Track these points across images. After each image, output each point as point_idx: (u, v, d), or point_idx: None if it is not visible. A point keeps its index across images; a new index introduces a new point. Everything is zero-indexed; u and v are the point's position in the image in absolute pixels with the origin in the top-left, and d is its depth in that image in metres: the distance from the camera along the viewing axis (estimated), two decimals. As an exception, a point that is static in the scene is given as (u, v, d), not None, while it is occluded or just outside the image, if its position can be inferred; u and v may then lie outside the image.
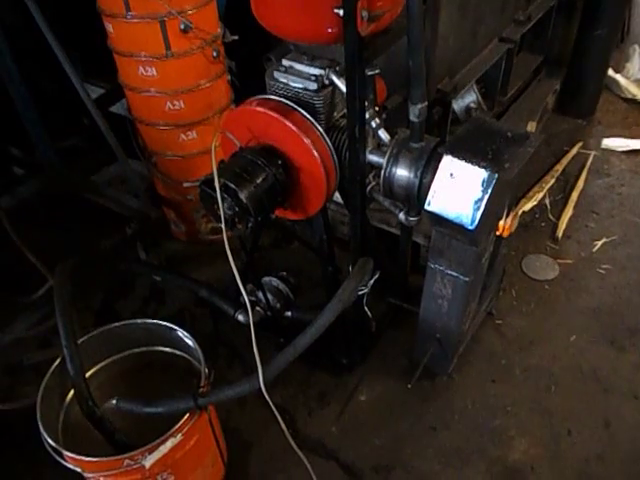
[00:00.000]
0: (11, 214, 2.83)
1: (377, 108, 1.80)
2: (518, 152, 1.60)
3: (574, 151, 3.29)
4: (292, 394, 2.27)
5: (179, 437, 1.54)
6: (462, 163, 1.55)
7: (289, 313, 2.25)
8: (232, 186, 1.65)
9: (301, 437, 2.12)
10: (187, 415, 1.58)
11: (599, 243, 2.77)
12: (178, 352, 1.89)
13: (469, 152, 1.58)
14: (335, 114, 1.85)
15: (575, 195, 3.01)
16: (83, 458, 1.51)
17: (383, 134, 1.77)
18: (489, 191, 1.53)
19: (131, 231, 2.63)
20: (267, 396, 1.59)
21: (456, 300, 1.94)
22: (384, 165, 1.75)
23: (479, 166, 1.53)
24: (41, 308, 2.38)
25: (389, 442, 2.09)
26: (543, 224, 2.91)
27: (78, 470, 1.55)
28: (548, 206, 2.99)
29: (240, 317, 2.19)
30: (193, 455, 1.73)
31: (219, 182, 1.64)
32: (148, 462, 1.48)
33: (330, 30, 1.51)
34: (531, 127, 2.60)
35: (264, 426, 2.16)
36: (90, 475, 1.58)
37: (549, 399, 2.18)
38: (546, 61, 3.45)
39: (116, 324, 1.87)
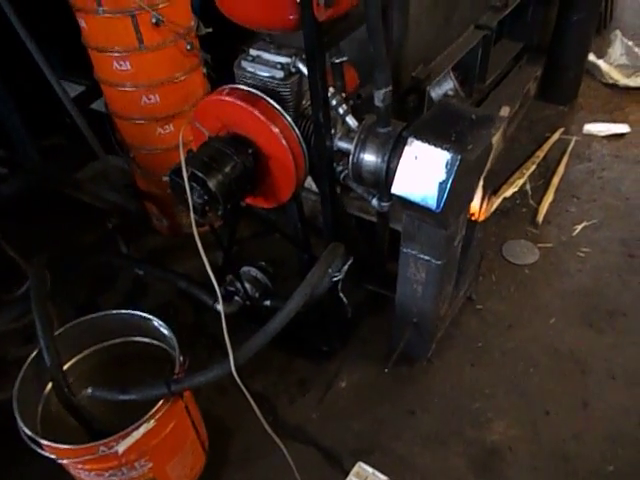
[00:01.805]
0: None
1: (344, 95, 1.82)
2: (481, 134, 1.61)
3: (555, 137, 3.31)
4: (273, 382, 2.29)
5: (152, 423, 1.56)
6: (425, 145, 1.57)
7: (268, 302, 2.26)
8: (200, 175, 1.66)
9: (281, 424, 2.14)
10: (161, 401, 1.60)
11: (579, 227, 2.79)
12: (155, 342, 1.90)
13: (433, 135, 1.59)
14: (304, 102, 1.86)
15: (556, 180, 3.03)
16: (58, 445, 1.53)
17: (351, 120, 1.78)
18: (453, 173, 1.55)
19: (111, 225, 2.65)
20: (239, 380, 1.61)
21: (430, 284, 1.96)
22: (352, 151, 1.76)
23: (442, 148, 1.55)
24: (23, 303, 2.39)
25: (368, 427, 2.11)
26: (524, 210, 2.92)
27: (53, 457, 1.57)
28: (529, 192, 3.01)
29: (218, 307, 2.20)
30: (170, 442, 1.75)
31: (187, 171, 1.66)
32: (121, 448, 1.50)
33: (291, 17, 1.52)
34: (504, 112, 2.62)
35: (245, 413, 2.16)
36: (67, 462, 1.60)
37: (527, 381, 2.20)
38: (527, 48, 3.46)
39: (92, 315, 1.89)
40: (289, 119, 1.74)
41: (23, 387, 1.70)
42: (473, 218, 2.19)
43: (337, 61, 1.88)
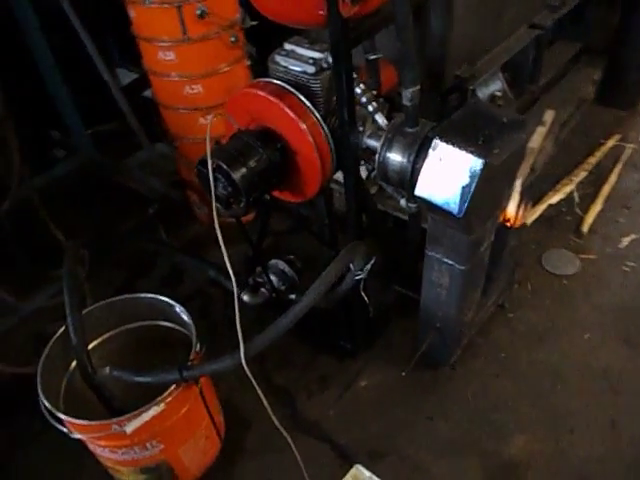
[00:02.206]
0: (45, 192, 3.00)
1: (375, 92, 1.80)
2: (511, 138, 1.56)
3: (610, 143, 3.15)
4: (295, 377, 2.30)
5: (162, 406, 1.60)
6: (450, 148, 1.53)
7: (293, 295, 2.28)
8: (224, 167, 1.68)
9: (298, 418, 2.15)
10: (173, 386, 1.64)
11: (627, 239, 2.65)
12: (178, 327, 1.95)
13: (459, 137, 1.55)
14: (335, 99, 1.85)
15: (607, 189, 2.89)
16: (73, 420, 1.59)
17: (380, 119, 1.76)
18: (477, 177, 1.50)
19: (152, 211, 2.73)
20: (249, 372, 1.62)
21: (454, 289, 1.92)
22: (378, 149, 1.74)
23: (467, 151, 1.51)
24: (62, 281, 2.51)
25: (385, 429, 2.09)
26: (569, 218, 2.81)
27: (69, 432, 1.64)
28: (576, 199, 2.88)
29: (245, 297, 2.25)
30: (183, 426, 1.79)
31: (212, 163, 1.68)
32: (129, 428, 1.55)
33: (320, 13, 1.51)
34: (548, 116, 2.50)
35: (263, 406, 2.20)
36: (82, 437, 1.66)
37: (554, 396, 2.12)
38: (586, 49, 3.31)
39: (120, 297, 1.95)
40: (318, 115, 1.73)
41: (48, 362, 1.78)
42: (508, 224, 2.13)
43: (372, 58, 1.88)
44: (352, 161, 1.72)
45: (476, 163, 1.49)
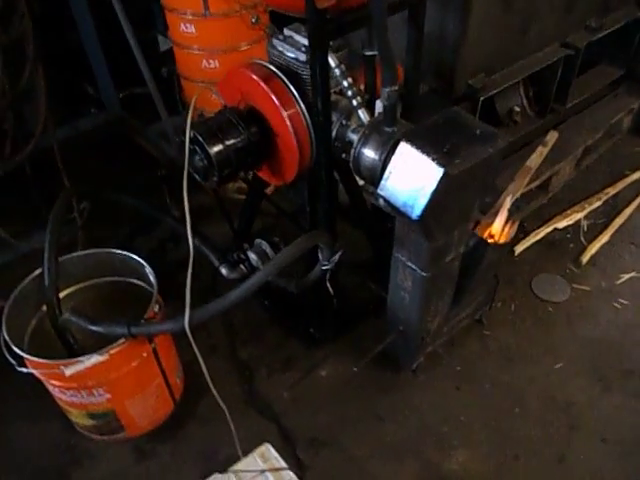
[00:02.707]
0: (68, 143, 3.15)
1: (361, 87, 1.81)
2: (476, 150, 1.54)
3: (635, 177, 3.03)
4: (260, 353, 2.35)
5: (105, 356, 1.68)
6: (414, 151, 1.53)
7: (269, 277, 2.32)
8: (201, 140, 1.74)
9: (253, 395, 2.21)
10: (122, 340, 1.72)
11: (626, 276, 2.56)
12: (147, 286, 2.03)
13: (426, 142, 1.54)
14: (327, 89, 1.87)
15: (618, 222, 2.78)
16: (22, 354, 1.69)
17: (362, 114, 1.77)
18: (435, 184, 1.50)
19: (160, 174, 2.82)
20: (191, 337, 1.68)
21: (416, 294, 1.91)
22: (354, 144, 1.76)
23: (428, 157, 1.50)
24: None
25: (333, 420, 2.12)
26: (572, 245, 2.73)
27: (19, 367, 1.74)
28: (584, 228, 2.79)
29: (223, 270, 2.30)
30: (131, 380, 1.87)
31: (190, 134, 1.74)
32: (68, 371, 1.64)
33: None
34: (551, 137, 2.43)
35: (225, 375, 2.27)
36: (32, 372, 1.76)
37: (508, 420, 2.09)
38: (627, 76, 3.17)
39: (96, 250, 2.05)
40: (301, 104, 1.75)
41: (20, 298, 1.90)
42: (491, 240, 2.10)
43: (368, 54, 1.88)
44: (324, 152, 1.74)
45: (434, 170, 1.48)
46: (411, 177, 1.55)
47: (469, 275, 2.08)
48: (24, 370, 1.73)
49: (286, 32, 1.82)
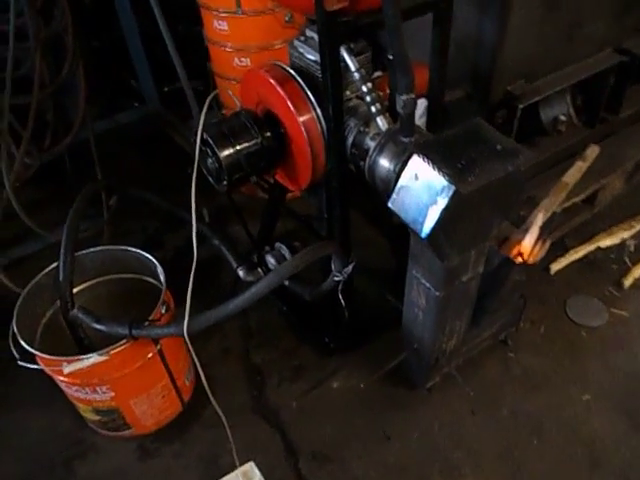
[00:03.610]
0: (107, 135, 3.22)
1: (381, 93, 1.72)
2: (495, 168, 1.43)
3: (693, 195, 2.80)
4: (273, 359, 2.31)
5: (105, 357, 1.68)
6: (425, 165, 1.43)
7: (286, 282, 2.27)
8: (211, 143, 1.70)
9: (261, 402, 2.17)
10: (124, 340, 1.72)
11: (672, 304, 2.36)
12: (160, 286, 2.02)
13: (441, 156, 1.45)
14: (348, 93, 1.80)
15: (669, 244, 2.58)
16: (28, 347, 1.71)
17: (381, 121, 1.68)
18: (445, 202, 1.40)
19: (190, 172, 2.81)
20: (190, 345, 1.65)
21: (430, 313, 1.82)
22: (370, 152, 1.68)
23: (439, 172, 1.40)
24: (89, 220, 2.68)
25: (339, 435, 2.05)
26: (614, 267, 2.54)
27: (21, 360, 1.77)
28: (630, 248, 2.60)
29: (240, 272, 2.27)
30: (135, 380, 1.87)
31: (202, 135, 1.71)
32: (67, 369, 1.65)
33: (321, 3, 1.47)
34: (591, 152, 2.24)
35: (234, 381, 2.25)
36: (40, 367, 1.79)
37: (525, 452, 1.96)
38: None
39: (112, 247, 2.06)
40: (317, 110, 1.69)
41: (36, 291, 1.93)
42: (518, 259, 1.98)
43: (392, 57, 1.79)
44: (336, 160, 1.66)
45: (445, 187, 1.39)
46: (421, 193, 1.46)
47: (491, 295, 1.96)
48: (25, 364, 1.74)
49: (307, 33, 1.75)
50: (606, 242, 2.62)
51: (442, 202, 1.41)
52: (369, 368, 2.22)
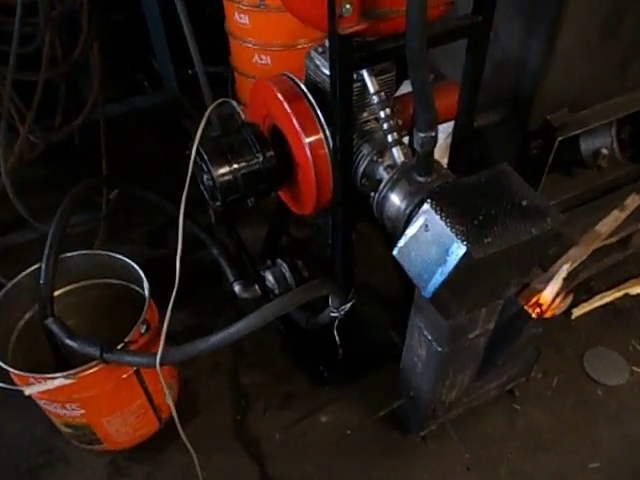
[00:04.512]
0: (122, 118, 3.09)
1: (400, 122, 1.54)
2: (516, 228, 1.24)
3: None
4: (263, 382, 2.17)
5: (70, 379, 1.55)
6: (437, 217, 1.25)
7: (280, 303, 2.12)
8: (206, 160, 1.55)
9: (243, 429, 2.04)
10: (95, 362, 1.59)
11: (702, 369, 2.15)
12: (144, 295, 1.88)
13: (456, 207, 1.27)
14: (365, 115, 1.62)
15: None
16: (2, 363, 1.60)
17: (397, 152, 1.51)
18: (454, 262, 1.22)
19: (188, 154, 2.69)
20: (161, 376, 1.53)
21: (429, 366, 1.66)
22: (381, 186, 1.50)
23: (452, 228, 1.23)
24: (93, 212, 2.57)
25: (320, 476, 1.92)
26: (643, 318, 2.34)
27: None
28: (663, 299, 2.39)
29: (236, 288, 2.13)
30: (107, 400, 1.75)
31: (197, 150, 1.56)
32: (27, 391, 1.53)
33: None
34: (632, 201, 2.02)
35: (218, 401, 2.12)
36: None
37: (519, 519, 1.81)
38: None
39: (98, 252, 1.94)
40: (327, 131, 1.52)
41: (15, 291, 1.82)
42: (536, 311, 1.79)
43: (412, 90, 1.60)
44: (341, 192, 1.49)
45: (455, 246, 1.21)
46: (430, 247, 1.28)
47: (501, 348, 1.78)
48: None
49: (327, 43, 1.56)
50: (637, 289, 2.40)
51: (451, 263, 1.23)
52: (363, 405, 2.07)
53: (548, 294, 1.79)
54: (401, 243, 1.36)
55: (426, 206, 1.29)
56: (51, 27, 2.35)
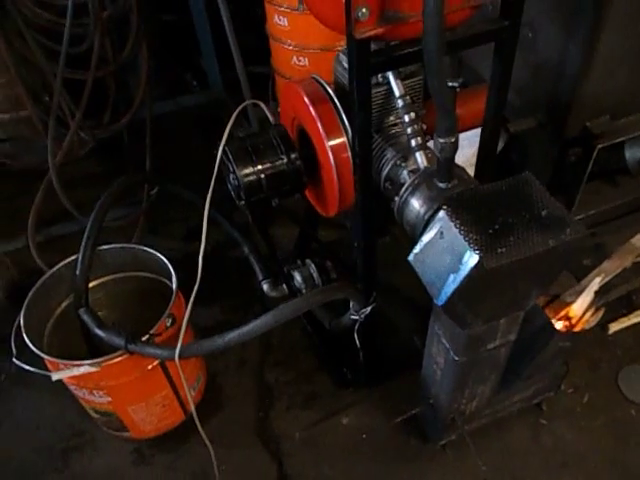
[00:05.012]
0: (169, 116, 3.18)
1: (424, 126, 1.53)
2: (532, 239, 1.21)
3: None
4: (287, 380, 2.20)
5: (96, 367, 1.62)
6: (451, 225, 1.24)
7: (312, 304, 2.14)
8: (231, 160, 1.58)
9: (265, 426, 2.07)
10: (120, 352, 1.66)
11: None
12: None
13: (473, 215, 1.25)
14: (392, 118, 1.62)
15: None
16: (31, 345, 1.69)
17: (420, 157, 1.50)
18: (466, 272, 1.21)
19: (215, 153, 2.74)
20: (180, 367, 1.57)
21: (447, 375, 1.63)
22: (402, 190, 1.49)
23: (465, 237, 1.21)
24: (129, 207, 2.66)
25: (336, 478, 1.92)
26: (686, 338, 2.22)
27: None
28: None
29: (264, 286, 2.16)
30: (132, 389, 1.82)
31: (223, 150, 1.59)
32: (55, 377, 1.61)
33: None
34: (637, 241, 1.89)
35: (243, 397, 2.16)
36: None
37: (538, 538, 1.76)
38: None
39: (133, 245, 2.01)
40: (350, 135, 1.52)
41: (53, 280, 1.91)
42: (564, 324, 1.74)
43: (450, 85, 1.58)
44: (362, 196, 1.49)
45: (468, 255, 1.19)
46: (445, 254, 1.27)
47: (526, 361, 1.74)
48: (19, 363, 1.70)
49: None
50: (682, 306, 2.28)
51: (463, 272, 1.21)
52: (384, 409, 2.07)
53: (578, 307, 1.74)
54: (417, 249, 1.35)
55: (442, 213, 1.28)
56: (101, 28, 2.46)
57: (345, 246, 2.55)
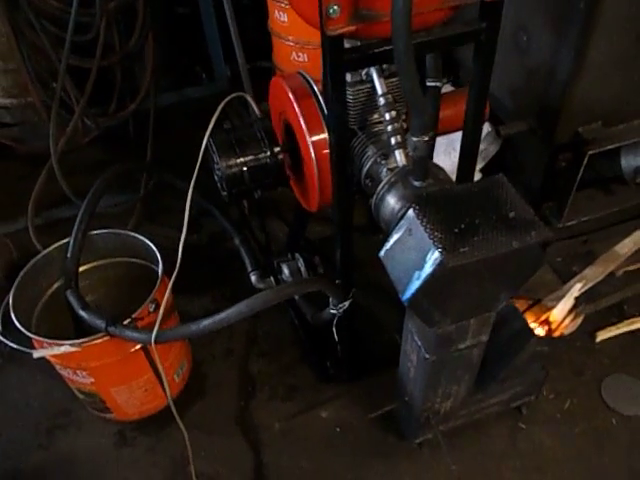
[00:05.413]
0: (174, 107, 3.22)
1: (405, 125, 1.54)
2: (497, 240, 1.22)
3: None
4: (270, 372, 2.23)
5: (77, 347, 1.66)
6: (418, 223, 1.25)
7: (296, 296, 2.17)
8: (214, 151, 1.61)
9: (245, 416, 2.10)
10: (100, 334, 1.70)
11: None
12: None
13: (440, 214, 1.26)
14: (375, 116, 1.63)
15: None
16: (18, 324, 1.74)
17: (399, 156, 1.51)
18: (428, 270, 1.22)
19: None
20: (155, 352, 1.60)
21: (419, 372, 1.65)
22: (378, 188, 1.51)
23: (430, 236, 1.22)
24: (128, 194, 2.70)
25: (313, 470, 1.94)
26: (676, 348, 2.20)
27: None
28: (702, 330, 2.23)
29: (252, 277, 2.20)
30: (114, 371, 1.85)
31: (207, 141, 1.62)
32: (36, 354, 1.65)
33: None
34: (621, 248, 1.87)
35: (226, 386, 2.20)
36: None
37: (506, 540, 1.76)
38: None
39: (123, 231, 2.04)
40: (333, 130, 1.54)
41: (43, 262, 1.96)
42: (543, 328, 1.75)
43: (431, 84, 1.60)
44: (338, 192, 1.51)
45: (431, 253, 1.21)
46: (412, 251, 1.28)
47: (502, 364, 1.74)
48: (2, 339, 1.75)
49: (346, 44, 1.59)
50: (671, 317, 2.26)
51: (427, 269, 1.23)
52: (364, 405, 2.08)
53: (558, 312, 1.75)
54: (387, 246, 1.36)
55: (411, 211, 1.29)
56: (107, 17, 2.50)
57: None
